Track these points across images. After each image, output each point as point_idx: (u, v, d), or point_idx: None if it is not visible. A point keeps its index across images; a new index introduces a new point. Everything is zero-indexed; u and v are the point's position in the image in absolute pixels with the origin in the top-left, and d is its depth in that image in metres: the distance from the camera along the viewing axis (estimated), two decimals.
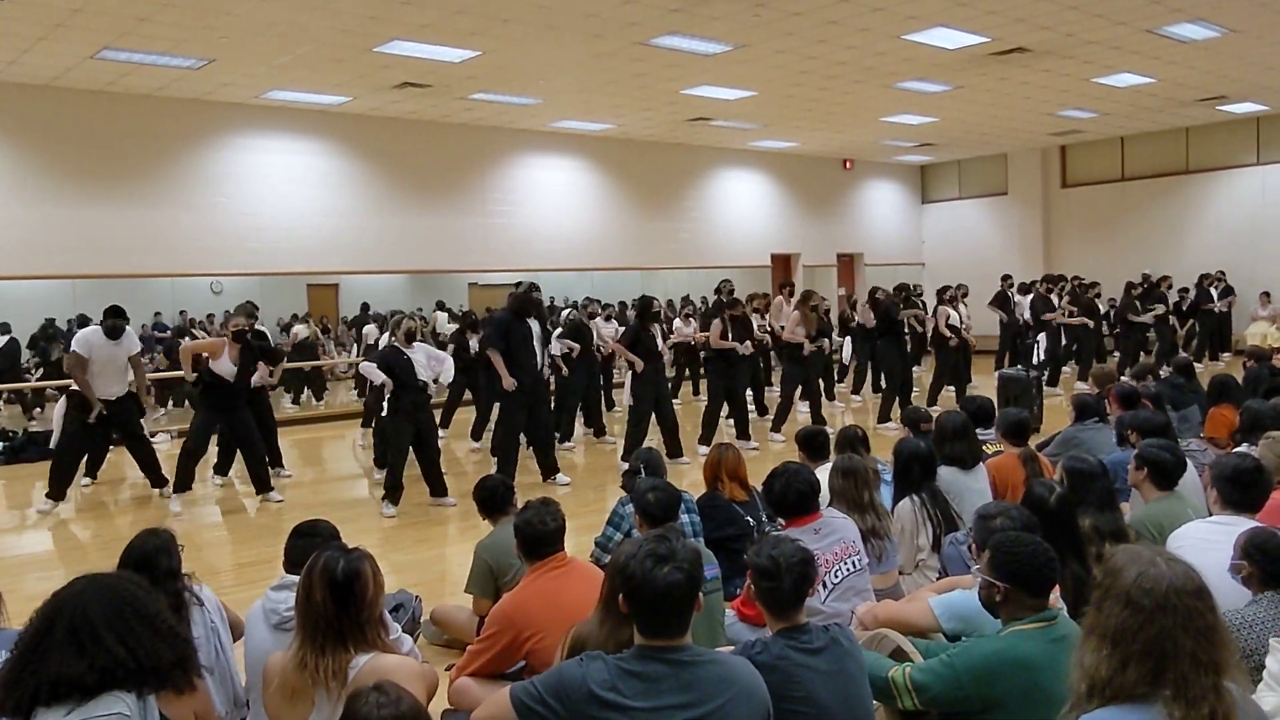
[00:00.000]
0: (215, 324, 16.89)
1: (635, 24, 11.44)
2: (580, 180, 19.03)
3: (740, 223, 21.57)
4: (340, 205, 16.11)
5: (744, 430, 11.00)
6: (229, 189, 15.06)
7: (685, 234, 20.60)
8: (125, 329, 8.92)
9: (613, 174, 19.40)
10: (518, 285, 10.01)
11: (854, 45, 12.77)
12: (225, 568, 7.06)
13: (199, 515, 8.83)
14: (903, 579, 4.84)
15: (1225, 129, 20.23)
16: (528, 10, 10.81)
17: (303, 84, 13.93)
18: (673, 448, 10.07)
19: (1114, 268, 20.64)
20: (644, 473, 5.10)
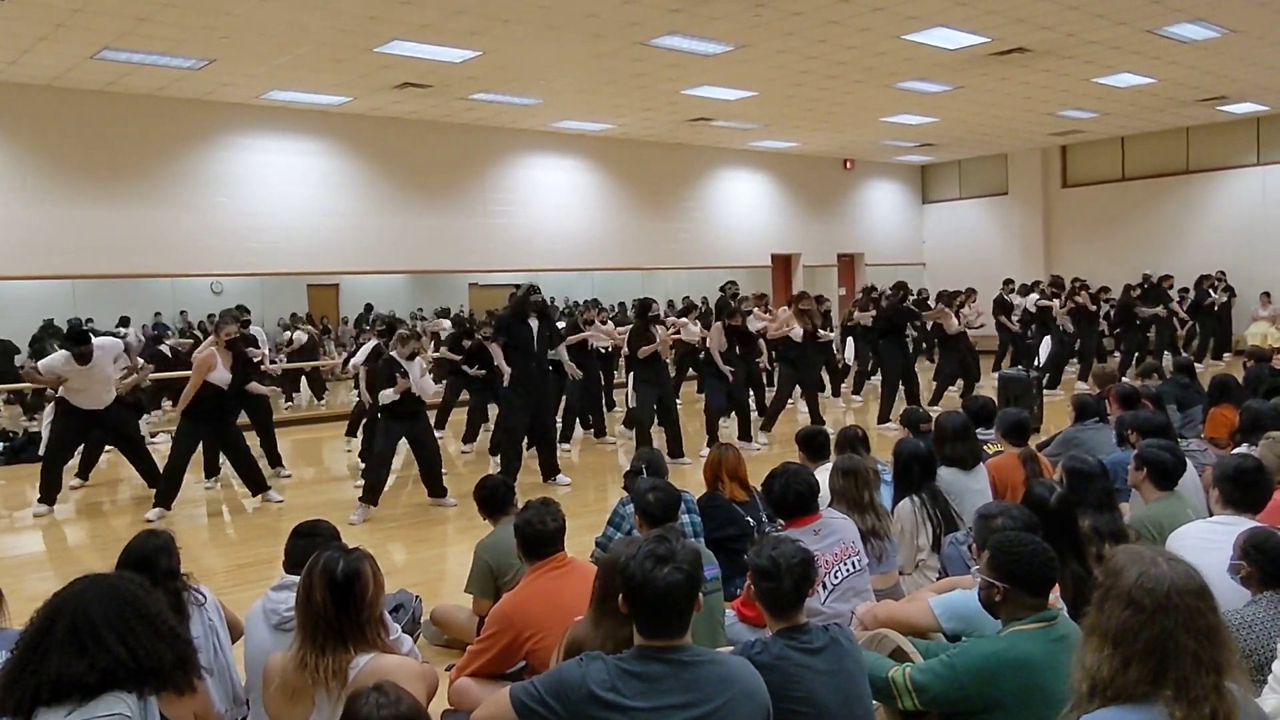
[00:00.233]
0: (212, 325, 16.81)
1: (635, 24, 11.44)
2: (581, 180, 19.03)
3: (741, 223, 21.57)
4: (341, 205, 16.11)
5: (745, 431, 11.01)
6: (229, 189, 15.07)
7: (686, 234, 20.60)
8: (94, 353, 8.48)
9: (613, 174, 19.40)
10: (518, 289, 9.99)
11: (854, 45, 12.77)
12: (225, 568, 7.05)
13: (198, 516, 8.83)
14: (903, 579, 4.84)
15: (1225, 129, 20.23)
16: (528, 10, 10.81)
17: (303, 84, 13.93)
18: (675, 448, 10.08)
19: (1114, 268, 20.64)
20: (646, 473, 5.10)
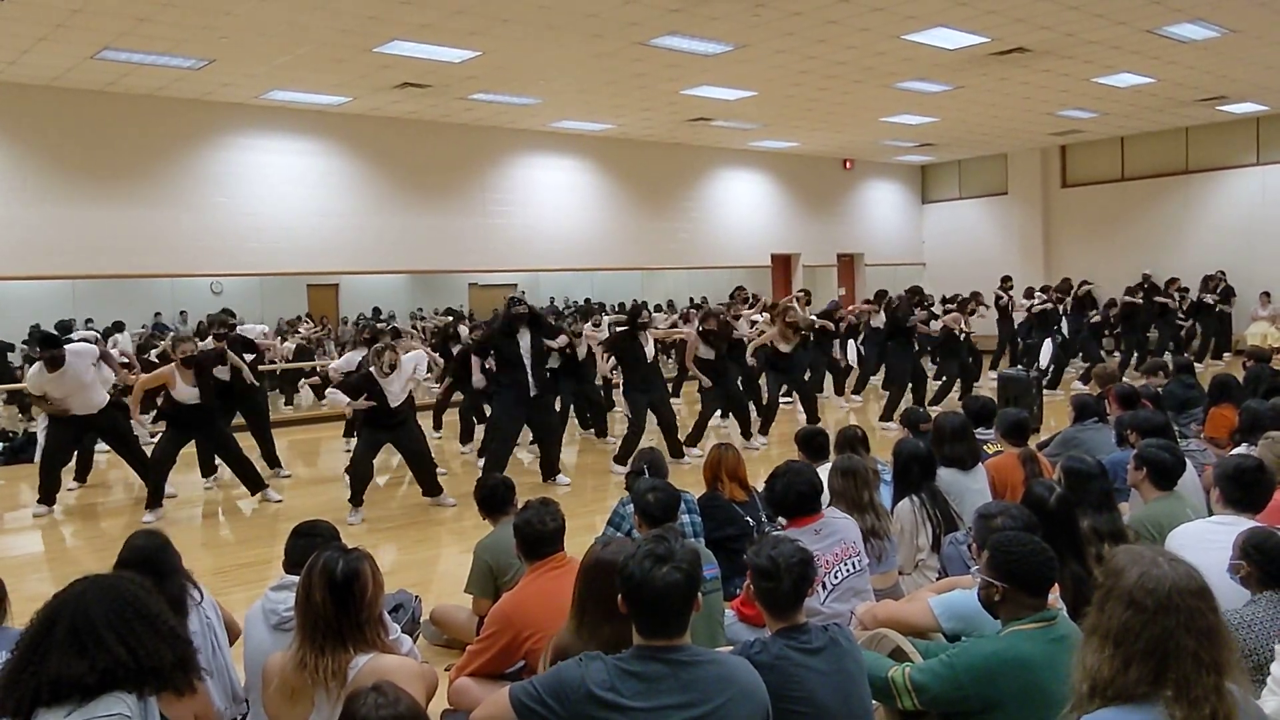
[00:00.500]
0: (201, 327, 16.72)
1: (635, 24, 11.44)
2: (580, 180, 19.02)
3: (740, 223, 21.56)
4: (340, 205, 16.11)
5: (746, 430, 11.01)
6: (229, 189, 15.07)
7: (685, 234, 20.60)
8: (65, 356, 8.45)
9: (613, 174, 19.39)
10: (511, 295, 9.98)
11: (854, 45, 12.77)
12: (224, 568, 7.04)
13: (197, 516, 8.83)
14: (902, 579, 4.84)
15: (1225, 129, 20.23)
16: (527, 10, 10.81)
17: (303, 84, 13.93)
18: (673, 448, 10.08)
19: (1114, 268, 20.65)
20: (647, 473, 5.10)
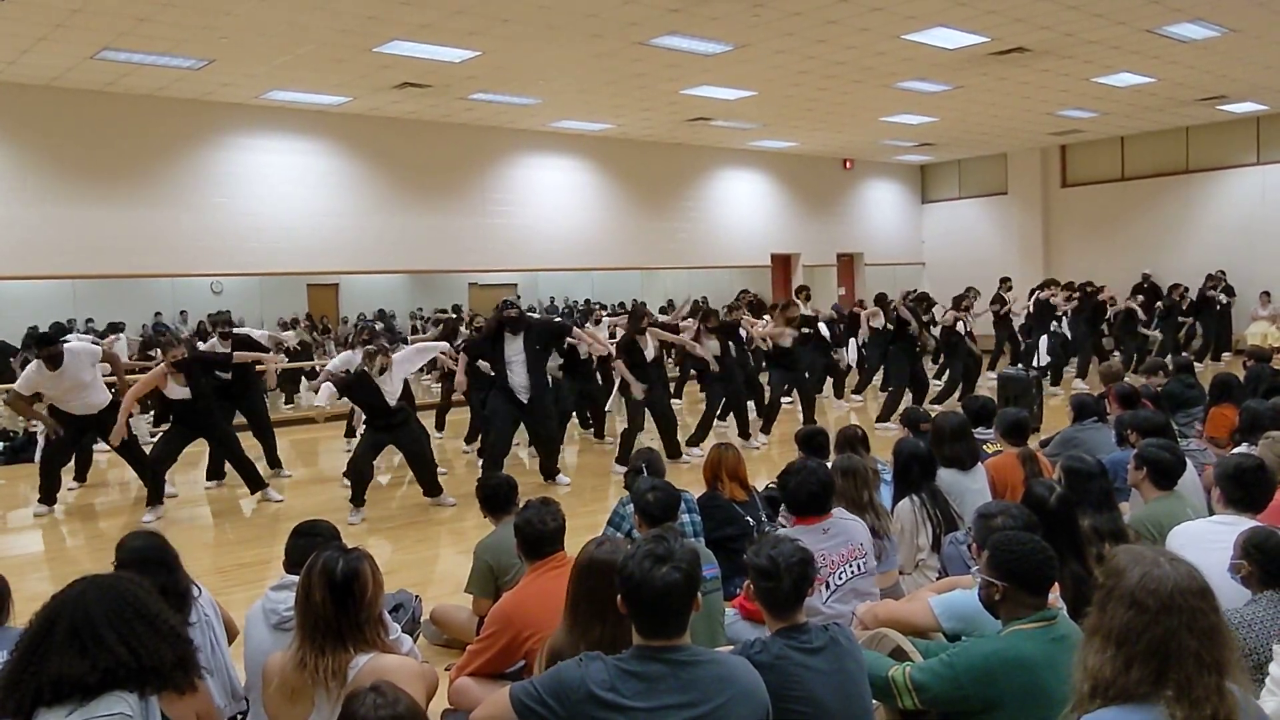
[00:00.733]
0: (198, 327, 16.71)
1: (635, 24, 11.44)
2: (580, 180, 19.03)
3: (740, 223, 21.57)
4: (340, 205, 16.11)
5: (745, 430, 11.01)
6: (229, 189, 15.07)
7: (685, 234, 20.60)
8: (64, 354, 8.41)
9: (612, 174, 19.40)
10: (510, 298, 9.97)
11: (853, 45, 12.77)
12: (225, 568, 7.05)
13: (198, 516, 8.83)
14: (903, 579, 4.84)
15: (1225, 129, 20.23)
16: (527, 10, 10.81)
17: (303, 84, 13.93)
18: (671, 448, 10.08)
19: (1114, 267, 20.65)
20: (645, 473, 5.10)
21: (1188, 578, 2.24)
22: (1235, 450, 5.46)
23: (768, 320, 12.54)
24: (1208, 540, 3.68)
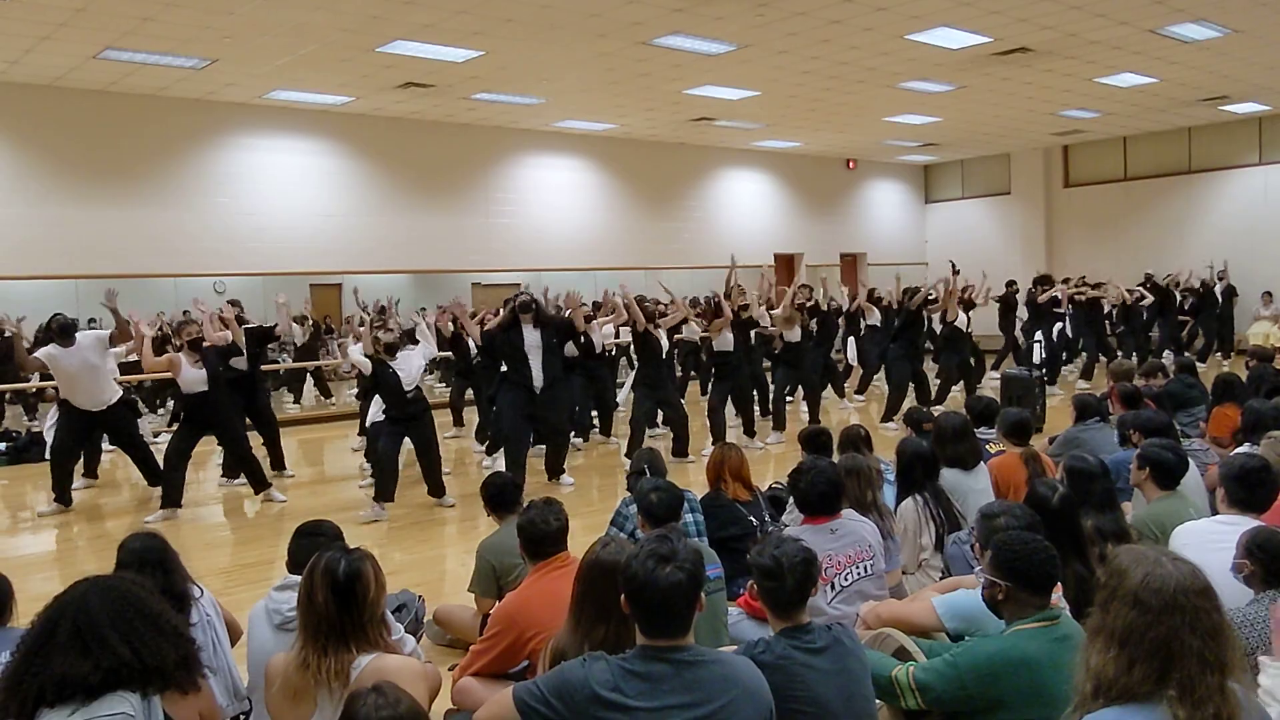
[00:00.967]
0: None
1: (638, 24, 11.45)
2: (583, 180, 19.03)
3: (743, 223, 21.56)
4: (343, 205, 16.13)
5: (750, 429, 11.00)
6: (232, 189, 15.08)
7: (688, 234, 20.60)
8: (77, 332, 8.54)
9: (616, 174, 19.40)
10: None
11: (857, 45, 12.77)
12: (227, 568, 7.05)
13: (201, 515, 8.83)
14: (906, 579, 4.83)
15: (1227, 129, 20.22)
16: (530, 10, 10.81)
17: (306, 84, 13.94)
18: (679, 448, 10.09)
19: (1116, 267, 20.58)
20: (648, 473, 5.10)
21: (1190, 577, 2.24)
22: (1238, 450, 5.45)
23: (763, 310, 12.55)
24: (1210, 540, 3.68)
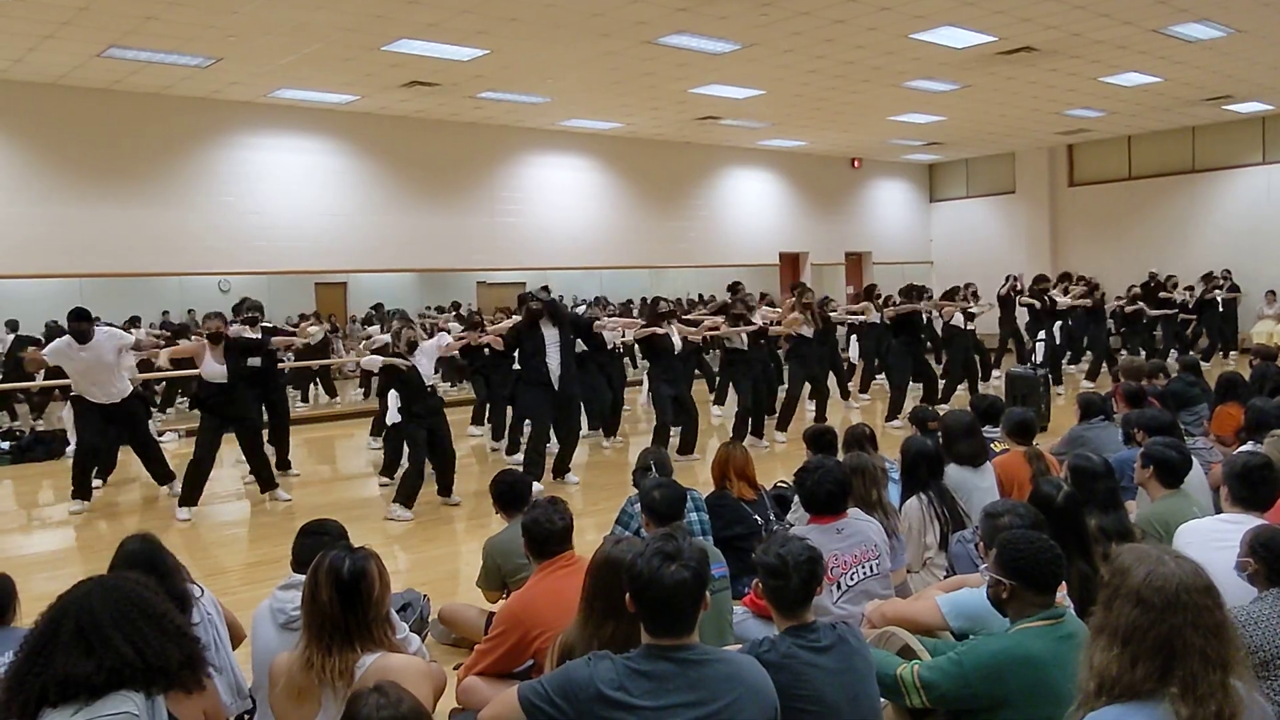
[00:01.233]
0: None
1: (643, 23, 11.45)
2: (588, 179, 19.04)
3: (749, 221, 21.57)
4: (348, 204, 16.14)
5: (758, 428, 10.99)
6: (236, 188, 15.10)
7: (694, 233, 20.61)
8: (95, 331, 8.45)
9: (621, 173, 19.41)
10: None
11: (862, 44, 12.76)
12: (232, 567, 7.06)
13: (206, 515, 8.83)
14: (910, 577, 4.83)
15: (1231, 128, 20.20)
16: (535, 9, 10.82)
17: (310, 83, 13.95)
18: (686, 445, 10.11)
19: (1120, 266, 20.64)
20: (654, 471, 5.10)
21: (1192, 575, 2.25)
22: (1241, 449, 5.44)
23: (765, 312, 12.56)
24: (1214, 538, 3.68)
